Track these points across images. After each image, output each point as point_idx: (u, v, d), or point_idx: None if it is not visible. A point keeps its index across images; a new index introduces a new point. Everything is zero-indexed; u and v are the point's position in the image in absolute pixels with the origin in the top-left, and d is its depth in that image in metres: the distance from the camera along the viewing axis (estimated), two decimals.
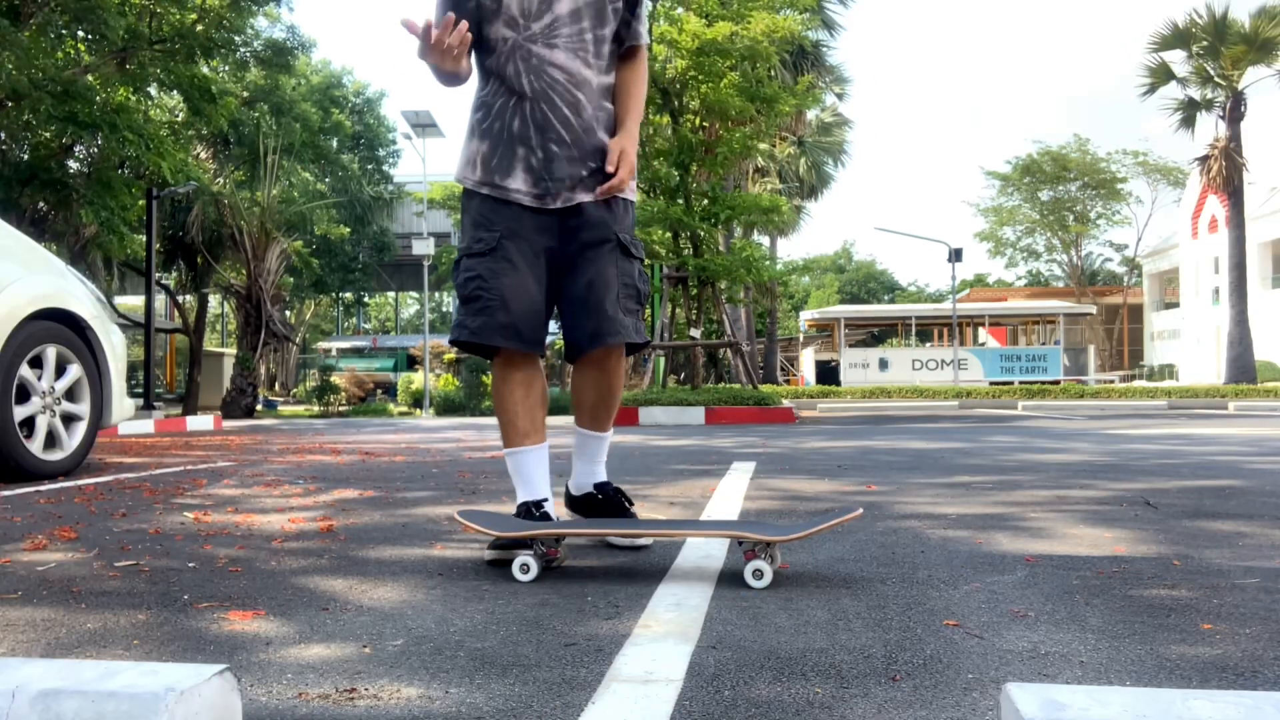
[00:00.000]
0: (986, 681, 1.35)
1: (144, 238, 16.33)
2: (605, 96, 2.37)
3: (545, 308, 2.37)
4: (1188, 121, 22.52)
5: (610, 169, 2.31)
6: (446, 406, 18.28)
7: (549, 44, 2.26)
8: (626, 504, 2.51)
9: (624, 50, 2.44)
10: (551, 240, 2.34)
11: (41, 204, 15.57)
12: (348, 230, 26.29)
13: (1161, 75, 22.42)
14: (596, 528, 2.19)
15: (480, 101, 2.38)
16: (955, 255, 24.39)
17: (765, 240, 28.66)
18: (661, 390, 12.66)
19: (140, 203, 15.86)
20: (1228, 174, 21.51)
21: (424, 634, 1.64)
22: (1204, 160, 22.08)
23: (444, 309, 47.19)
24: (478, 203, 2.36)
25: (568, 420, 2.98)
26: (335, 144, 28.03)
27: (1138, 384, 28.15)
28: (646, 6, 2.45)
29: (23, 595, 1.97)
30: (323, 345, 37.60)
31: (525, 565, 2.07)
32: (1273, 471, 4.28)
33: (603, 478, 2.55)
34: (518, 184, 2.31)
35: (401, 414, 18.55)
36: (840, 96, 29.23)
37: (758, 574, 1.97)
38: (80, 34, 13.62)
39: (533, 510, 2.35)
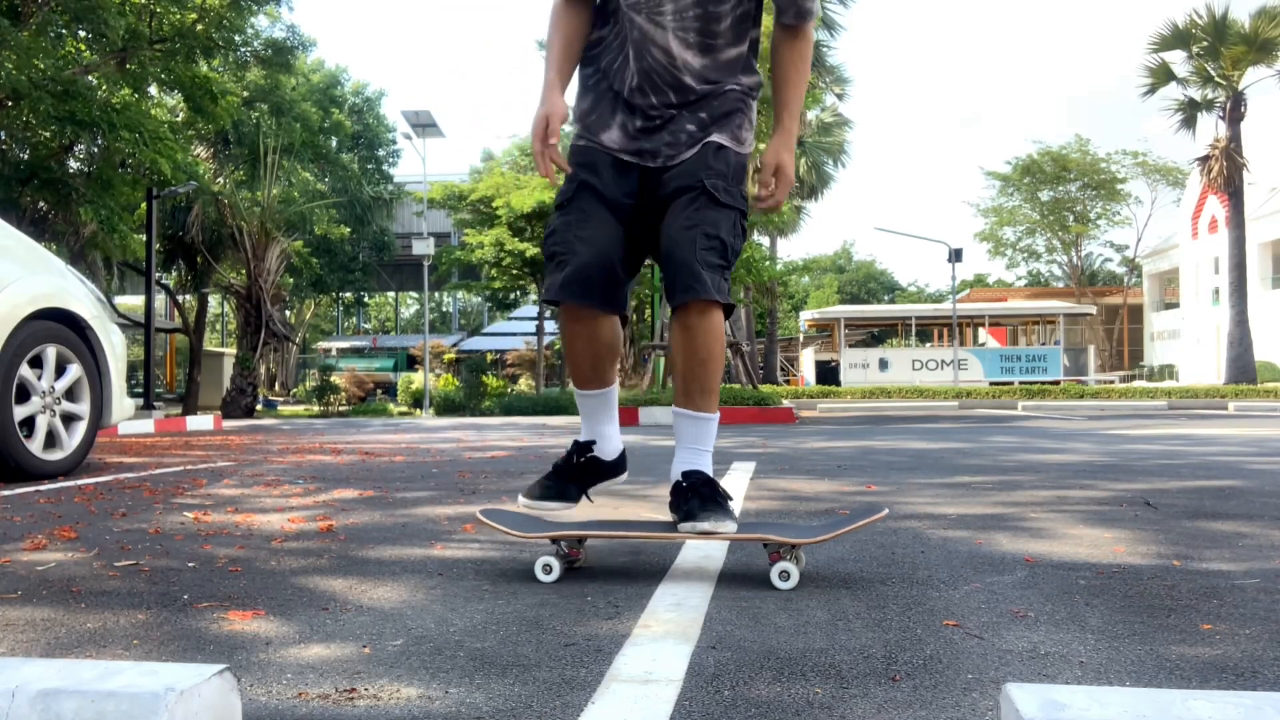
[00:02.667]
0: (986, 681, 1.35)
1: (144, 237, 16.33)
2: (728, 71, 2.20)
3: (622, 263, 2.19)
4: (1188, 122, 22.52)
5: (766, 190, 2.21)
6: (446, 406, 18.28)
7: (654, 19, 2.14)
8: (715, 496, 2.10)
9: (784, 27, 2.24)
10: (635, 188, 2.20)
11: (41, 204, 15.57)
12: (348, 230, 26.31)
13: (1161, 75, 22.43)
14: (613, 529, 2.17)
15: (590, 56, 2.28)
16: (955, 255, 24.40)
17: (765, 240, 28.69)
18: (661, 390, 12.66)
19: (142, 204, 15.87)
20: (1228, 174, 21.51)
21: (424, 634, 1.64)
22: (1204, 160, 22.08)
23: (443, 309, 47.21)
24: (569, 154, 2.27)
25: (565, 421, 2.96)
26: (335, 144, 28.06)
27: (1138, 384, 28.15)
28: None
29: (23, 595, 1.97)
30: (323, 345, 37.63)
31: (548, 566, 2.04)
32: (1273, 472, 4.28)
33: (693, 465, 2.17)
34: (612, 139, 2.21)
35: (401, 414, 18.54)
36: (840, 96, 29.25)
37: (784, 575, 1.93)
38: (80, 34, 13.63)
39: (576, 452, 2.31)
